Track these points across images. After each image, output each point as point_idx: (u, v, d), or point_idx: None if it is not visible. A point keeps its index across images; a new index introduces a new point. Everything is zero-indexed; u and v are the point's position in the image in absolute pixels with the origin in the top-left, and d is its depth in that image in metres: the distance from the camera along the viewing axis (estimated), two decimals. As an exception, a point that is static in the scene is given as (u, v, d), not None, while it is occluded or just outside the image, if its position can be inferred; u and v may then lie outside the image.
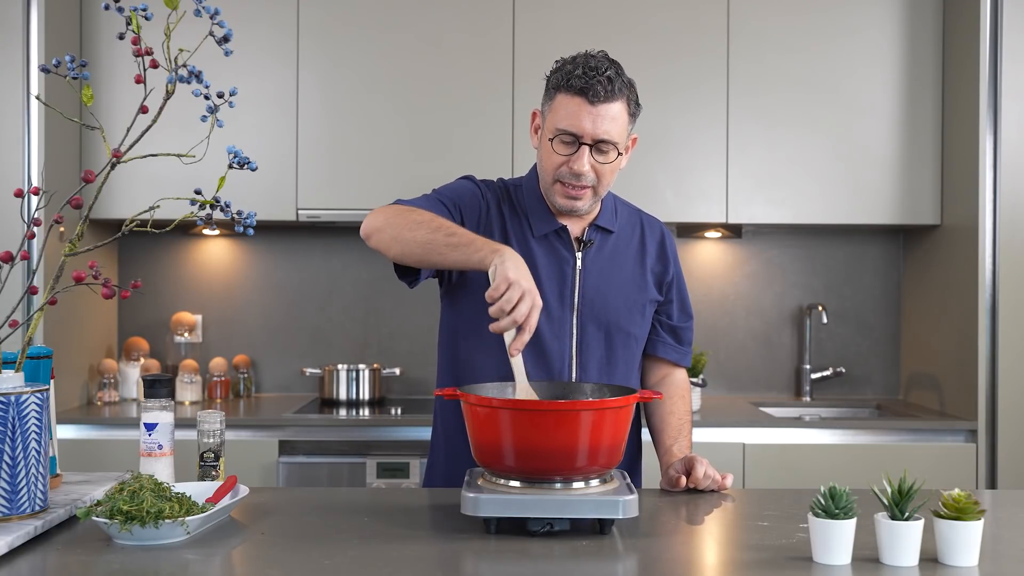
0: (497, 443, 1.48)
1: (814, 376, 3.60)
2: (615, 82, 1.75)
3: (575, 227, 1.89)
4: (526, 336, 1.55)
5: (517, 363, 1.59)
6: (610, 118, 1.75)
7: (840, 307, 3.66)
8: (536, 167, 1.90)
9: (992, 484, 3.03)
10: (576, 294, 1.85)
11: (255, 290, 3.64)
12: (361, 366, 3.42)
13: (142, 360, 3.45)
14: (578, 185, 1.79)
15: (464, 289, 1.86)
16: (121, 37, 1.49)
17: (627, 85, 1.79)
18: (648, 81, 3.28)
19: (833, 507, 1.31)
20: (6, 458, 1.40)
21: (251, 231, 1.54)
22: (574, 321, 1.85)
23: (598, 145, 1.76)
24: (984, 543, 1.36)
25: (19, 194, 1.51)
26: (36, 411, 1.44)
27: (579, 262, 1.86)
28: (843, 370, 3.62)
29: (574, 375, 1.85)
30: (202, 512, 1.44)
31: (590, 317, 1.85)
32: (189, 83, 1.48)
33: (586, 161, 1.76)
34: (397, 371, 3.49)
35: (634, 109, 1.81)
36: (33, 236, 1.47)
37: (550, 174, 1.81)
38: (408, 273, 1.81)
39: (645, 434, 1.99)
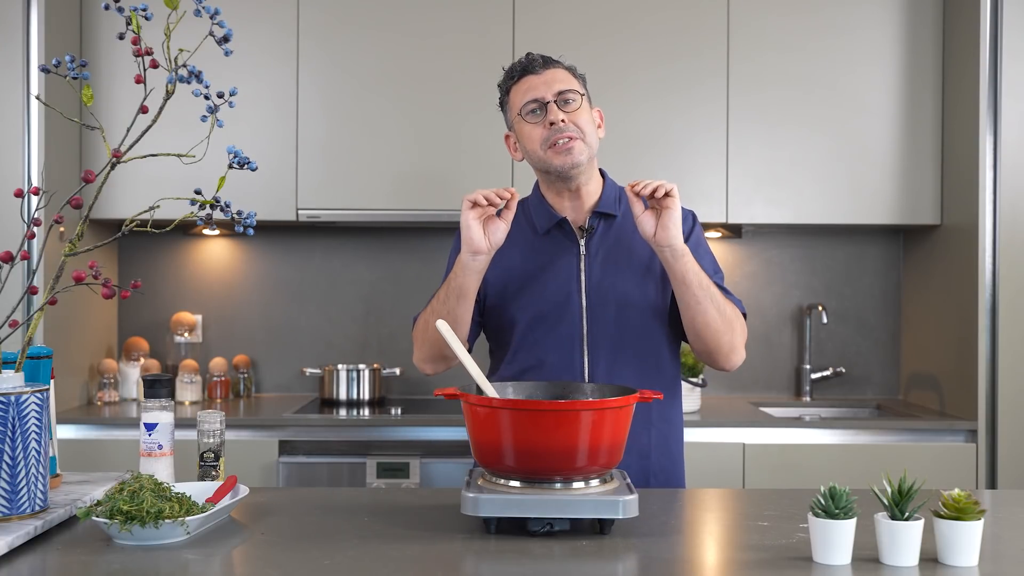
0: (497, 443, 1.48)
1: (814, 376, 3.60)
2: (548, 58, 1.96)
3: (577, 217, 1.98)
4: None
5: (471, 364, 1.65)
6: (558, 78, 1.93)
7: (840, 307, 3.66)
8: (536, 182, 2.03)
9: (992, 484, 3.03)
10: (583, 278, 1.94)
11: (255, 290, 3.64)
12: (361, 366, 3.42)
13: (142, 360, 3.45)
14: (563, 136, 1.88)
15: (487, 328, 2.05)
16: (121, 37, 1.49)
17: (562, 62, 1.98)
18: (648, 81, 3.30)
19: (833, 507, 1.31)
20: (6, 458, 1.40)
21: (251, 231, 1.54)
22: (583, 304, 1.93)
23: (560, 99, 1.89)
24: (984, 543, 1.36)
25: (19, 194, 1.51)
26: (36, 411, 1.44)
27: (583, 248, 1.95)
28: (843, 370, 3.62)
29: (585, 354, 1.91)
30: (202, 512, 1.44)
31: (598, 299, 1.93)
32: (189, 83, 1.48)
33: (557, 112, 1.88)
34: (397, 371, 3.49)
35: (580, 76, 1.98)
36: (33, 236, 1.47)
37: (538, 147, 1.92)
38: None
39: (689, 434, 1.98)
